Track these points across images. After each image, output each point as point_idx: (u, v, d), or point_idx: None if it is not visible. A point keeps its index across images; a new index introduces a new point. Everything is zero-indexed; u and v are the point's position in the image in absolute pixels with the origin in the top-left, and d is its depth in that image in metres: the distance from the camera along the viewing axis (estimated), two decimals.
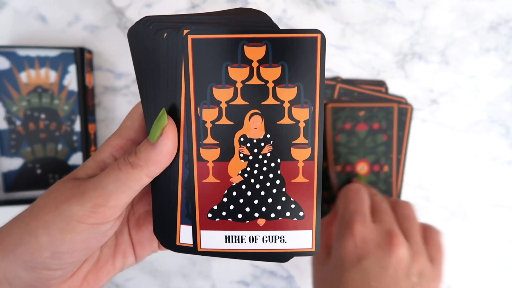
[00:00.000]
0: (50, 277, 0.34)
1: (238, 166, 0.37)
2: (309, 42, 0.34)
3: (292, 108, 0.36)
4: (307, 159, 0.36)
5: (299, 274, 0.76)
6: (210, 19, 0.37)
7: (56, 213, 0.33)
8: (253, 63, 0.35)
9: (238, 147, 0.37)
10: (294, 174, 0.37)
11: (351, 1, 0.70)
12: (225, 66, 0.35)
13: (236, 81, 0.35)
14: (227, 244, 0.38)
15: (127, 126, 0.38)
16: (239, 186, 0.37)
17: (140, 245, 0.42)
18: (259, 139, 0.36)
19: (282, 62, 0.35)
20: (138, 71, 0.37)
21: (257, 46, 0.35)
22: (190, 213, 0.38)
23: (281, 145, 0.36)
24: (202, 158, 0.37)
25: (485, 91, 0.71)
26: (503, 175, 0.73)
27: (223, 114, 0.36)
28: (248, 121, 0.36)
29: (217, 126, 0.36)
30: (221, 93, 0.36)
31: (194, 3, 0.69)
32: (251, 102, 0.36)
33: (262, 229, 0.38)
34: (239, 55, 0.35)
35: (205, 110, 0.36)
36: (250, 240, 0.38)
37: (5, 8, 0.67)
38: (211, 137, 0.37)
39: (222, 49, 0.35)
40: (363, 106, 0.69)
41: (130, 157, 0.34)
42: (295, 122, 0.36)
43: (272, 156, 0.37)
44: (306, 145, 0.36)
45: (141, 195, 0.42)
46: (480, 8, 0.70)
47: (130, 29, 0.36)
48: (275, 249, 0.38)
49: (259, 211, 0.38)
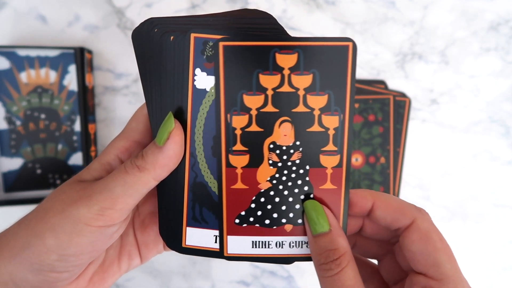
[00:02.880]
0: (56, 279, 0.34)
1: (267, 172, 0.37)
2: (341, 50, 0.34)
3: (322, 116, 0.36)
4: (336, 166, 0.36)
5: (299, 274, 0.76)
6: (215, 21, 0.37)
7: (63, 215, 0.33)
8: (284, 70, 0.35)
9: (267, 154, 0.37)
10: (322, 181, 0.37)
11: (351, 1, 0.70)
12: (256, 73, 0.35)
13: (267, 88, 0.35)
14: (253, 249, 0.38)
15: (132, 128, 0.38)
16: (267, 192, 0.37)
17: (146, 246, 0.41)
18: (288, 146, 0.36)
19: (313, 70, 0.35)
20: (143, 73, 0.37)
21: (289, 54, 0.35)
22: (197, 216, 0.38)
23: (310, 152, 0.36)
24: (231, 164, 0.37)
25: (485, 91, 0.71)
26: (503, 175, 0.73)
27: (253, 121, 0.36)
28: (278, 128, 0.36)
29: (246, 133, 0.36)
30: (252, 100, 0.36)
31: (194, 3, 0.69)
32: (282, 109, 0.36)
33: (289, 234, 0.38)
34: (270, 62, 0.35)
35: (235, 117, 0.36)
36: (277, 246, 0.38)
37: (5, 8, 0.67)
38: (240, 144, 0.36)
39: (253, 57, 0.35)
40: (358, 98, 0.69)
41: (137, 160, 0.34)
42: (325, 130, 0.36)
43: (301, 163, 0.37)
44: (335, 152, 0.36)
45: (147, 197, 0.42)
46: (480, 8, 0.70)
47: (134, 31, 0.36)
48: (301, 254, 0.38)
49: (286, 217, 0.38)
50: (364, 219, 0.39)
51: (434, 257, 0.34)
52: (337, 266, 0.33)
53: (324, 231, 0.35)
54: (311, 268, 0.73)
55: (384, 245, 0.41)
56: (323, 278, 0.34)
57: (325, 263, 0.34)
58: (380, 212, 0.36)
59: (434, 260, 0.34)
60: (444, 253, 0.34)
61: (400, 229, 0.36)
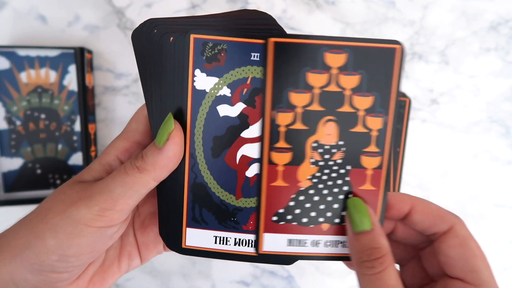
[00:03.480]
0: (57, 279, 0.34)
1: (308, 171, 0.37)
2: (389, 53, 0.34)
3: (367, 117, 0.36)
4: (376, 167, 0.37)
5: (299, 274, 0.76)
6: (215, 22, 0.37)
7: (63, 216, 0.33)
8: (332, 70, 0.35)
9: (310, 153, 0.37)
10: (362, 182, 0.37)
11: (351, 1, 0.70)
12: (304, 71, 0.35)
13: (314, 87, 0.35)
14: (288, 247, 0.38)
15: (132, 129, 0.38)
16: (307, 190, 0.37)
17: (146, 246, 0.42)
18: (331, 145, 0.36)
19: (361, 71, 0.35)
20: (142, 73, 0.37)
21: (338, 54, 0.35)
22: (197, 216, 0.38)
23: (352, 152, 0.37)
24: (273, 161, 0.37)
25: (485, 91, 0.71)
26: (503, 175, 0.73)
27: (298, 119, 0.36)
28: (322, 127, 0.36)
29: (290, 131, 0.36)
30: (298, 98, 0.35)
31: (194, 3, 0.69)
32: (327, 109, 0.36)
33: (325, 233, 0.38)
34: (319, 61, 0.35)
35: (280, 114, 0.36)
36: (312, 244, 0.38)
37: (5, 8, 0.67)
38: (283, 141, 0.36)
39: (302, 54, 0.35)
40: None
41: (137, 161, 0.34)
42: (368, 131, 0.36)
43: (342, 163, 0.37)
44: (376, 153, 0.36)
45: (146, 197, 0.42)
46: (480, 8, 0.70)
47: (134, 32, 0.36)
48: (336, 253, 0.39)
49: (324, 216, 0.38)
50: (397, 222, 0.39)
51: (472, 263, 0.34)
52: (380, 264, 0.34)
53: (367, 229, 0.35)
54: (311, 268, 0.74)
55: (410, 250, 0.41)
56: (365, 275, 0.34)
57: (368, 260, 0.34)
58: (418, 216, 0.37)
59: (472, 266, 0.34)
60: (482, 260, 0.35)
61: (437, 234, 0.37)
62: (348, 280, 0.76)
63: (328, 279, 0.76)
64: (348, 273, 0.76)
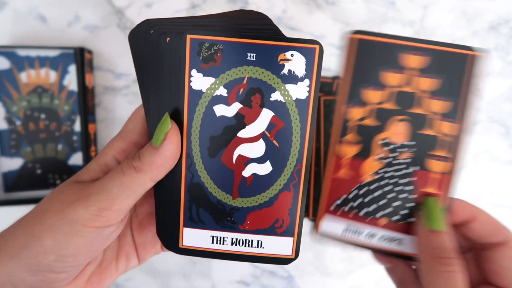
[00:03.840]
0: (54, 279, 0.34)
1: (372, 166, 0.38)
2: (470, 59, 0.35)
3: (440, 121, 0.36)
4: (444, 172, 0.37)
5: (299, 274, 0.76)
6: (211, 22, 0.37)
7: (61, 216, 0.33)
8: (411, 71, 0.36)
9: (377, 149, 0.38)
10: (426, 184, 0.38)
11: (351, 1, 0.70)
12: (382, 69, 0.36)
13: (390, 86, 0.36)
14: (344, 235, 0.40)
15: (130, 129, 0.38)
16: (369, 184, 0.39)
17: (143, 247, 0.42)
18: (400, 144, 0.37)
19: (441, 75, 0.35)
20: (139, 74, 0.37)
21: (419, 55, 0.35)
22: (194, 216, 0.38)
23: (420, 154, 0.37)
24: (339, 153, 0.39)
25: (485, 91, 0.71)
26: (503, 175, 0.73)
27: (370, 115, 0.37)
28: (393, 125, 0.37)
29: (360, 126, 0.38)
30: (373, 95, 0.37)
31: (194, 3, 0.69)
32: (401, 108, 0.37)
33: (382, 228, 0.39)
34: (399, 61, 0.35)
35: (352, 109, 0.37)
36: (368, 236, 0.40)
37: (5, 8, 0.67)
38: (352, 135, 0.38)
39: (383, 53, 0.36)
40: None
41: (134, 161, 0.34)
42: (439, 134, 0.36)
43: (409, 163, 0.38)
44: (445, 158, 0.37)
45: (144, 198, 0.42)
46: (480, 8, 0.70)
47: (131, 32, 0.36)
48: (389, 248, 0.40)
49: (383, 212, 0.39)
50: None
51: None
52: (457, 264, 0.35)
53: (440, 230, 0.36)
54: (311, 268, 0.74)
55: None
56: (437, 271, 0.35)
57: (441, 257, 0.35)
58: (478, 225, 0.38)
59: None
60: None
61: (492, 244, 0.39)
62: (348, 280, 0.76)
63: (328, 279, 0.76)
64: (348, 273, 0.76)
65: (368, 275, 0.76)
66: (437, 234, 0.36)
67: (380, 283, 0.76)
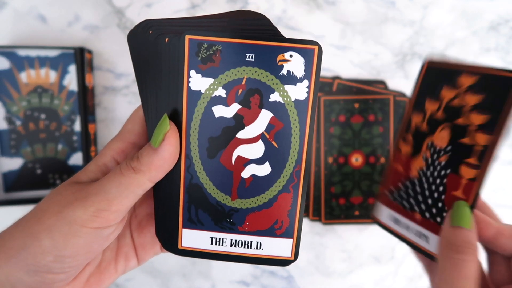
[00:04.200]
0: (53, 280, 0.34)
1: (419, 164, 0.44)
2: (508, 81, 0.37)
3: (477, 132, 0.38)
4: (471, 179, 0.38)
5: (299, 274, 0.76)
6: (210, 23, 0.37)
7: (59, 217, 0.33)
8: (462, 87, 0.40)
9: (424, 150, 0.43)
10: (455, 188, 0.39)
11: (351, 1, 0.70)
12: (442, 85, 0.43)
13: (443, 98, 0.42)
14: (388, 221, 0.47)
15: (128, 130, 0.38)
16: (414, 180, 0.44)
17: (142, 247, 0.42)
18: (441, 148, 0.41)
19: (484, 92, 0.38)
20: (138, 74, 0.37)
21: (471, 77, 0.40)
22: (193, 217, 0.38)
23: (455, 159, 0.40)
24: (400, 148, 0.47)
25: None
26: (503, 175, 0.73)
27: (425, 120, 0.44)
28: (439, 132, 0.42)
29: (417, 129, 0.45)
30: (432, 105, 0.43)
31: (194, 3, 0.69)
32: (447, 118, 0.41)
33: (417, 223, 0.43)
34: (456, 80, 0.41)
35: (414, 115, 0.45)
36: (405, 227, 0.44)
37: (5, 8, 0.67)
38: (411, 135, 0.45)
39: (445, 73, 0.42)
40: (358, 99, 0.69)
41: (132, 162, 0.34)
42: (474, 144, 0.38)
43: (445, 166, 0.41)
44: (476, 166, 0.38)
45: (143, 198, 0.42)
46: (480, 8, 0.70)
47: (129, 33, 0.36)
48: (418, 243, 0.42)
49: (418, 207, 0.43)
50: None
51: None
52: (471, 255, 0.36)
53: (466, 228, 0.37)
54: (311, 268, 0.74)
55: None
56: (451, 258, 0.36)
57: (461, 246, 0.36)
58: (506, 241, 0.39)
59: None
60: None
61: None
62: (348, 280, 0.76)
63: (328, 279, 0.76)
64: (348, 273, 0.76)
65: (368, 275, 0.76)
66: (461, 230, 0.36)
67: (380, 283, 0.76)
